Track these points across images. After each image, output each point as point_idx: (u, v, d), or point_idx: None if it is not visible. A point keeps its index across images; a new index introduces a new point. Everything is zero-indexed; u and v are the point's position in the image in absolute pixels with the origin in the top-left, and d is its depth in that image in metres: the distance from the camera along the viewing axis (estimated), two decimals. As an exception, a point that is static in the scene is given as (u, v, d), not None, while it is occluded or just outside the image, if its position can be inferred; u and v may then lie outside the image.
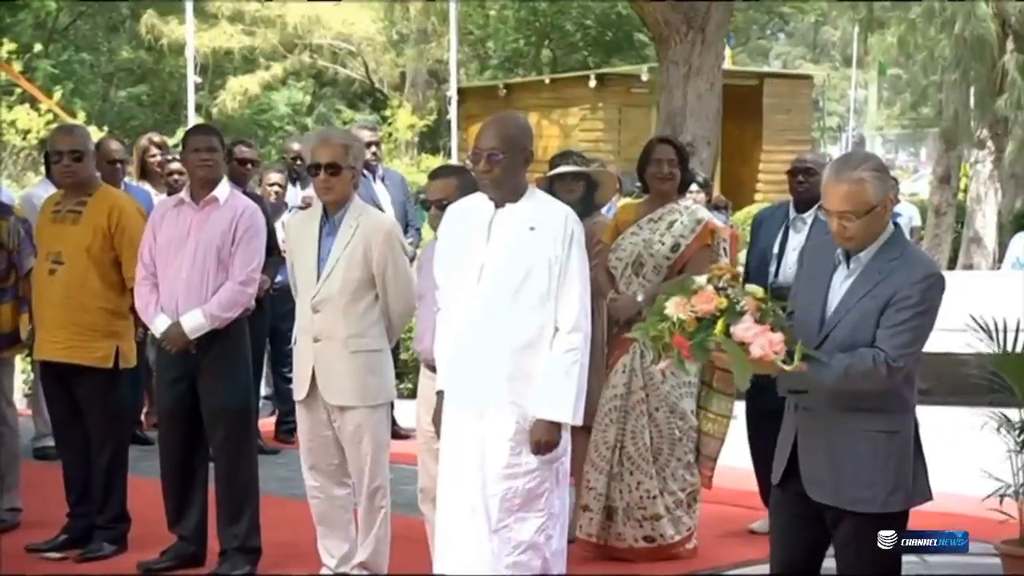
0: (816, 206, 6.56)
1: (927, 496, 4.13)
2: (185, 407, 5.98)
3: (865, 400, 4.00)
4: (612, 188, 7.15)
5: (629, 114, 20.35)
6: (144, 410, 8.91)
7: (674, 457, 6.29)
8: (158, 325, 5.93)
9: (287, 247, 5.89)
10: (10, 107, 16.89)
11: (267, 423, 9.06)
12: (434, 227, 5.42)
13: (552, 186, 6.36)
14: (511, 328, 4.64)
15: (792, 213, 6.77)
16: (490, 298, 4.67)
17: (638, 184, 7.00)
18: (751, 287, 3.96)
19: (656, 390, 6.29)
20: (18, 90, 17.62)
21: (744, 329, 3.81)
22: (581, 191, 6.49)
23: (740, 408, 6.59)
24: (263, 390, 9.22)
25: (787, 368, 3.83)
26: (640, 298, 6.28)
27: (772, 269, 6.68)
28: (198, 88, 19.80)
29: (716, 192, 12.78)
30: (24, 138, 15.98)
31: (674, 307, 3.84)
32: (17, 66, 17.42)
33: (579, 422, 4.76)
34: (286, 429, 8.91)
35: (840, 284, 4.10)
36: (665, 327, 3.86)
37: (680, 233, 6.38)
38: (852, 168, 4.02)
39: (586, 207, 6.34)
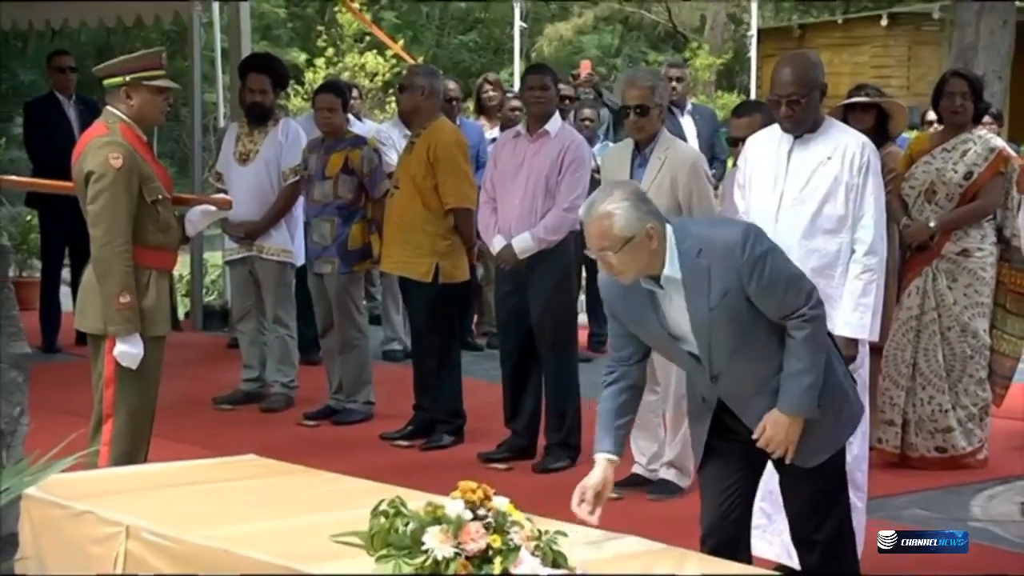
0: None
1: (862, 409, 3.81)
2: (518, 318, 6.18)
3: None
4: (904, 119, 6.84)
5: (918, 51, 19.43)
6: (475, 321, 9.18)
7: (966, 374, 6.11)
8: (495, 245, 6.15)
9: (603, 177, 5.93)
10: (360, 52, 17.51)
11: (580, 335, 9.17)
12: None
13: (846, 116, 6.17)
14: (809, 252, 4.52)
15: None
16: (789, 225, 4.55)
17: (931, 118, 6.71)
18: (500, 501, 2.92)
19: (948, 311, 6.10)
20: (367, 37, 18.23)
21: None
22: (872, 122, 6.24)
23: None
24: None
25: None
26: (933, 224, 6.07)
27: None
28: (522, 33, 20.04)
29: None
30: (372, 80, 16.53)
31: (435, 541, 2.88)
32: (367, 16, 18.02)
33: (875, 337, 4.64)
34: (597, 341, 9.03)
35: (672, 308, 3.49)
36: (424, 564, 2.89)
37: (973, 161, 6.12)
38: (598, 204, 3.43)
39: (878, 137, 6.09)
